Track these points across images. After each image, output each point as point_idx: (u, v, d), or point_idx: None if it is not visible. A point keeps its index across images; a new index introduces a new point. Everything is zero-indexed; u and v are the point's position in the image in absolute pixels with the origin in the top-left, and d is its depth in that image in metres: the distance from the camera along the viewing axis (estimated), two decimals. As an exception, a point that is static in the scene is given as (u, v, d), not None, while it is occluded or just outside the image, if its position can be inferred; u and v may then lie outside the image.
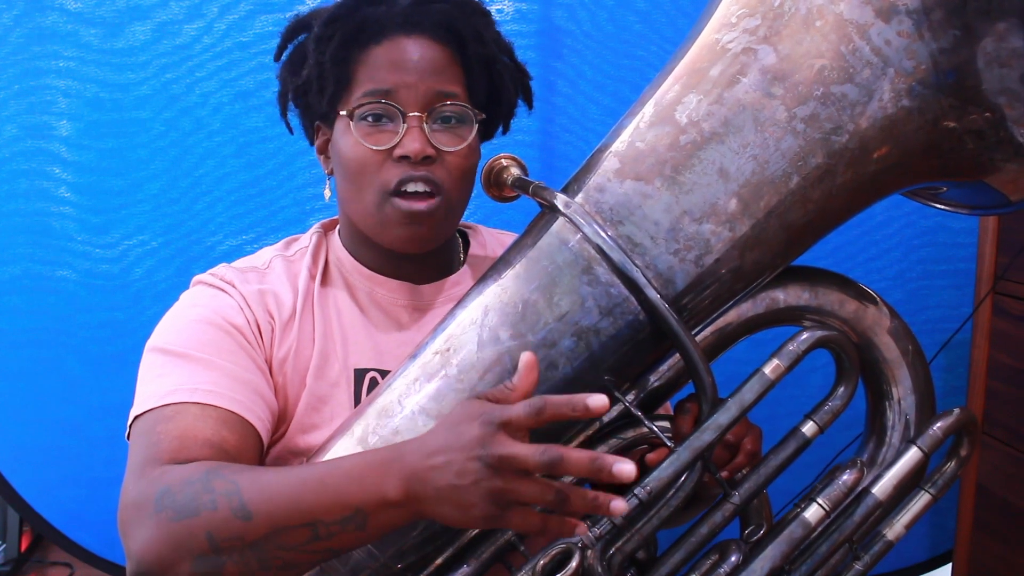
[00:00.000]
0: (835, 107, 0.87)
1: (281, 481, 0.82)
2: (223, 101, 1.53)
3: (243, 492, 0.81)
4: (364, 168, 1.01)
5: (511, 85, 1.09)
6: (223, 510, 0.81)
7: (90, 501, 1.59)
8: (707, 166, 0.88)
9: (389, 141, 1.00)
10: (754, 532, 0.97)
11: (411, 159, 0.99)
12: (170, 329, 1.02)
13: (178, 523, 0.81)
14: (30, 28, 1.49)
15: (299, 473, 0.84)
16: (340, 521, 0.80)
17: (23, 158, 1.52)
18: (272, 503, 0.81)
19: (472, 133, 1.03)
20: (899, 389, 0.99)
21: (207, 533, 0.81)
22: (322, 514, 0.80)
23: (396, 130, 1.00)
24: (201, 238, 1.56)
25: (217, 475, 0.83)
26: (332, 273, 1.10)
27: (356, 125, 1.01)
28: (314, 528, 0.80)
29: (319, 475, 0.82)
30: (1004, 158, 0.91)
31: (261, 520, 0.80)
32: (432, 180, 1.00)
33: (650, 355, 0.93)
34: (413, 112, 1.00)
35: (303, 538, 0.81)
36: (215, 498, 0.81)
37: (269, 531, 0.80)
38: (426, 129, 1.00)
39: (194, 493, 0.82)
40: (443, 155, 1.01)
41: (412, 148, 0.99)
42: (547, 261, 0.90)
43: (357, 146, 1.01)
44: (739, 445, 0.96)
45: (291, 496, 0.81)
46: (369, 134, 1.01)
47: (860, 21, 0.86)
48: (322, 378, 1.04)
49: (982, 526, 1.59)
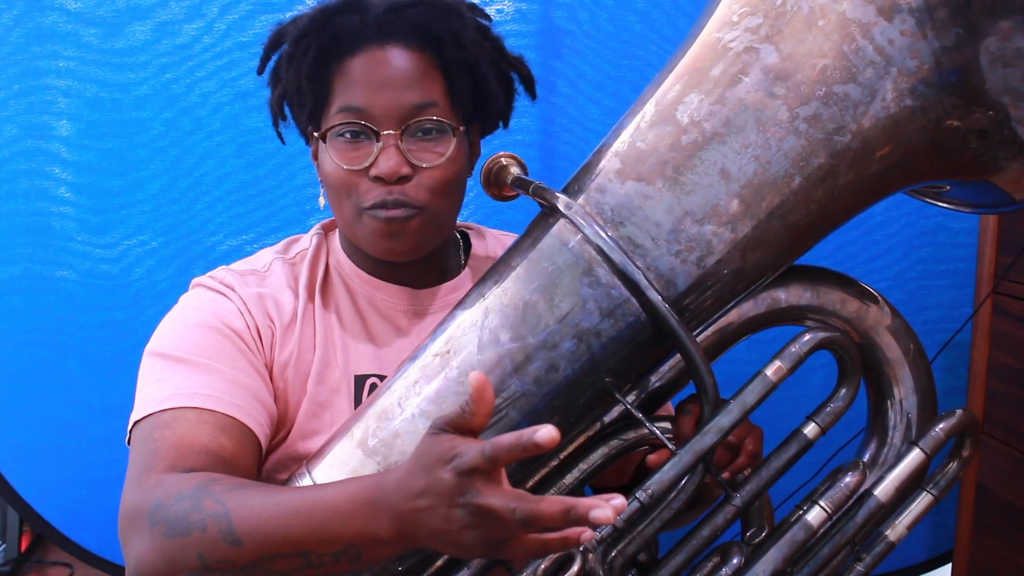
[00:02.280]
0: (837, 107, 0.86)
1: (269, 509, 0.80)
2: (223, 101, 1.53)
3: (232, 517, 0.80)
4: (341, 186, 1.00)
5: (498, 84, 1.06)
6: (212, 533, 0.80)
7: (90, 501, 1.58)
8: (709, 166, 0.88)
9: (364, 160, 0.99)
10: (756, 534, 0.96)
11: (386, 180, 0.98)
12: (169, 333, 1.02)
13: (170, 540, 0.81)
14: (30, 28, 1.48)
15: (288, 502, 0.81)
16: (332, 554, 0.79)
17: (23, 158, 1.51)
18: (261, 531, 0.80)
19: (452, 144, 1.00)
20: (901, 389, 0.99)
21: (198, 553, 0.80)
22: (313, 546, 0.79)
23: (372, 148, 0.99)
24: (201, 238, 1.56)
25: (208, 493, 0.82)
26: (332, 277, 1.10)
27: (332, 143, 1.00)
28: (306, 557, 0.79)
29: (307, 508, 0.80)
30: (1008, 157, 0.90)
31: (250, 547, 0.80)
32: (406, 202, 0.99)
33: (651, 356, 0.92)
34: (387, 131, 0.98)
35: (294, 565, 0.80)
36: (204, 519, 0.81)
37: (259, 557, 0.80)
38: (402, 147, 0.98)
39: (184, 511, 0.82)
40: (420, 171, 0.99)
41: (386, 168, 0.97)
42: (547, 262, 0.90)
43: (334, 166, 1.00)
44: (741, 446, 0.96)
45: (280, 526, 0.79)
46: (345, 152, 1.00)
47: (863, 20, 0.85)
48: (323, 384, 1.04)
49: (982, 526, 1.59)
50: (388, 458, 0.89)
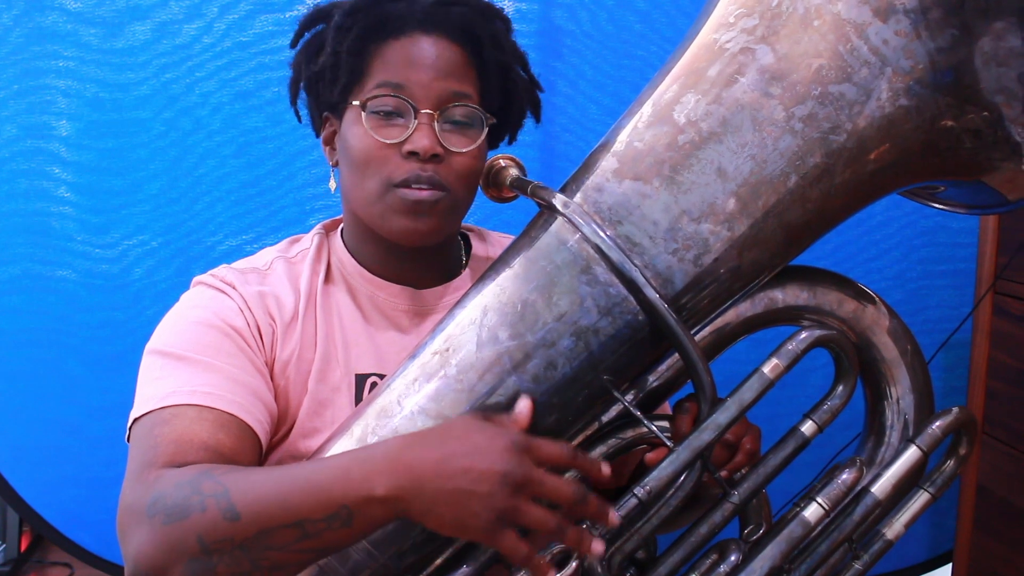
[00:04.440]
0: (833, 106, 0.87)
1: (268, 481, 0.83)
2: (223, 101, 1.53)
3: (231, 493, 0.82)
4: (371, 159, 1.01)
5: (523, 94, 1.10)
6: (211, 512, 0.81)
7: (90, 501, 1.59)
8: (705, 166, 0.88)
9: (399, 136, 1.00)
10: (753, 531, 0.97)
11: (420, 156, 0.99)
12: (169, 331, 1.02)
13: (169, 526, 0.82)
14: (30, 28, 1.49)
15: (287, 471, 0.84)
16: (326, 519, 0.80)
17: (23, 158, 1.52)
18: (260, 503, 0.81)
19: (482, 136, 1.03)
20: (898, 388, 0.99)
21: (197, 535, 0.81)
22: (308, 512, 0.80)
23: (407, 125, 1.00)
24: (201, 238, 1.56)
25: (207, 477, 0.84)
26: (334, 276, 1.10)
27: (367, 116, 1.01)
28: (302, 527, 0.80)
29: (307, 472, 0.83)
30: (1002, 157, 0.91)
31: (249, 520, 0.81)
32: (438, 180, 1.00)
33: (649, 355, 0.93)
34: (425, 109, 1.00)
35: (292, 537, 0.81)
36: (204, 500, 0.82)
37: (258, 531, 0.81)
38: (436, 128, 1.00)
39: (183, 496, 0.82)
40: (451, 155, 1.01)
41: (422, 145, 0.99)
42: (546, 261, 0.90)
43: (366, 137, 1.01)
44: (738, 444, 0.96)
45: (278, 495, 0.81)
46: (380, 127, 1.01)
47: (858, 20, 0.86)
48: (324, 382, 1.04)
49: (982, 526, 1.59)
50: (387, 456, 0.89)
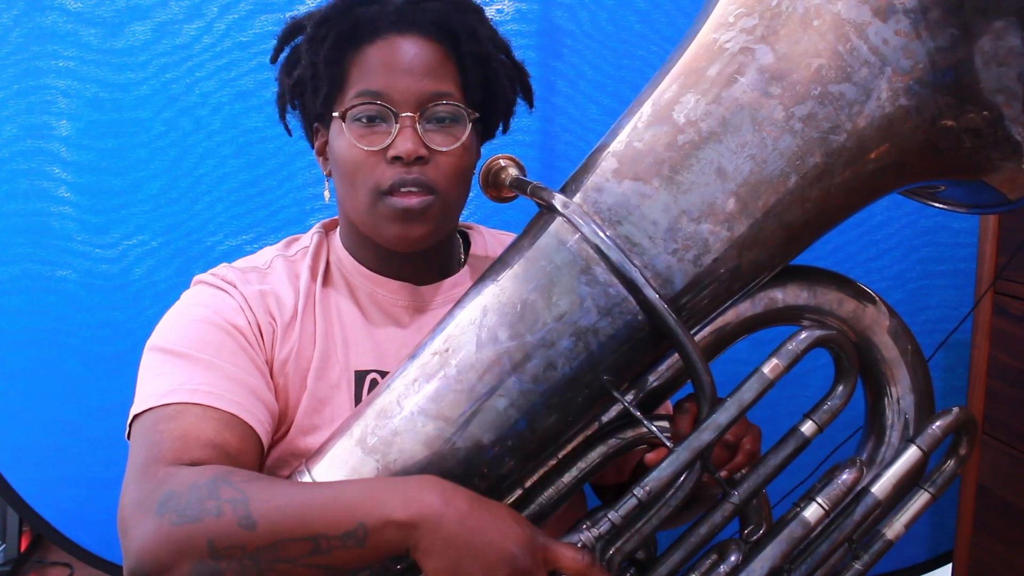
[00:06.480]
0: (833, 106, 0.87)
1: (289, 493, 0.83)
2: (223, 101, 1.53)
3: (250, 501, 0.82)
4: (358, 168, 1.01)
5: (508, 83, 1.09)
6: (227, 517, 0.81)
7: (90, 501, 1.59)
8: (705, 166, 0.88)
9: (382, 142, 1.00)
10: (753, 532, 0.97)
11: (404, 160, 0.99)
12: (171, 328, 1.02)
13: (180, 527, 0.81)
14: (30, 28, 1.49)
15: (310, 486, 0.85)
16: (341, 536, 0.80)
17: (23, 158, 1.52)
18: (278, 513, 0.81)
19: (466, 132, 1.03)
20: (898, 388, 0.99)
21: (208, 539, 0.81)
22: (325, 528, 0.80)
23: (389, 131, 1.00)
24: (201, 238, 1.56)
25: (225, 482, 0.83)
26: (333, 274, 1.10)
27: (349, 126, 1.01)
28: (316, 542, 0.81)
29: (332, 490, 0.84)
30: (1002, 156, 0.91)
31: (265, 530, 0.81)
32: (425, 182, 1.00)
33: (649, 355, 0.92)
34: (405, 112, 1.00)
35: (303, 551, 0.81)
36: (220, 505, 0.81)
37: (272, 542, 0.81)
38: (419, 129, 1.00)
39: (199, 499, 0.82)
40: (436, 155, 1.01)
41: (405, 148, 0.99)
42: (545, 261, 0.90)
43: (351, 147, 1.01)
44: (738, 445, 0.96)
45: (298, 508, 0.81)
46: (362, 135, 1.01)
47: (858, 20, 0.86)
48: (323, 379, 1.04)
49: (982, 526, 1.59)
50: (387, 456, 0.89)
